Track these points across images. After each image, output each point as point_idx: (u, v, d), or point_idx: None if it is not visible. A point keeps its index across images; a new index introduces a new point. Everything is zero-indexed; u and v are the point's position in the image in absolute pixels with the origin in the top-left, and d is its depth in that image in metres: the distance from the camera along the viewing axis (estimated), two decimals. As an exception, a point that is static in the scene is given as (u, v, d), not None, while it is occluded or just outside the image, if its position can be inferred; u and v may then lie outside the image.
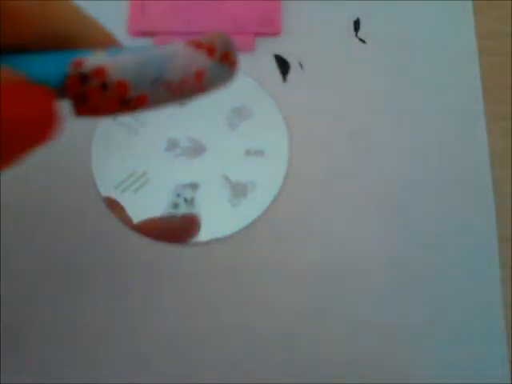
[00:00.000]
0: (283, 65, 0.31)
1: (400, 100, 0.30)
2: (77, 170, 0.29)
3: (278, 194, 0.28)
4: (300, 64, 0.31)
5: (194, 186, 0.29)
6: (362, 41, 0.31)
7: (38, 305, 0.27)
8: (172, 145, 0.29)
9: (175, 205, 0.28)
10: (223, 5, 0.31)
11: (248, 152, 0.29)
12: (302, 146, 0.29)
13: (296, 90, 0.30)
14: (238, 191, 0.29)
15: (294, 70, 0.31)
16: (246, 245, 0.28)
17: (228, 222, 0.28)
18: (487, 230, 0.28)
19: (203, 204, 0.28)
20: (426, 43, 0.31)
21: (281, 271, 0.27)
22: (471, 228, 0.28)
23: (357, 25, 0.31)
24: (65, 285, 0.27)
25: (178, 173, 0.29)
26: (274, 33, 0.31)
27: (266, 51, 0.31)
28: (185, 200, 0.28)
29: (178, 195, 0.29)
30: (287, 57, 0.31)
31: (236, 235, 0.28)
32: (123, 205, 0.28)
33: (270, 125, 0.30)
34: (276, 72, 0.31)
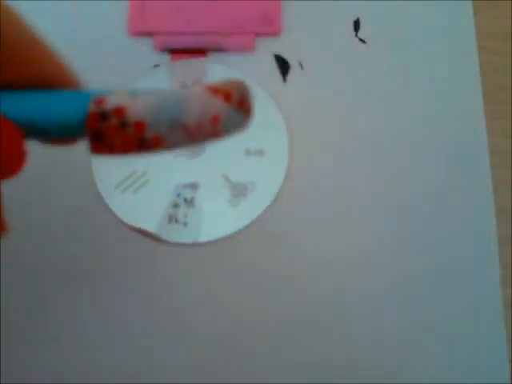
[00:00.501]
0: (283, 65, 0.31)
1: (400, 100, 0.30)
2: (77, 170, 0.29)
3: (278, 194, 0.28)
4: (300, 64, 0.31)
5: (194, 186, 0.29)
6: (362, 41, 0.31)
7: (38, 304, 0.27)
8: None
9: (175, 205, 0.28)
10: (223, 5, 0.31)
11: (248, 152, 0.29)
12: (302, 146, 0.29)
13: (296, 90, 0.30)
14: (238, 191, 0.29)
15: (294, 70, 0.31)
16: (246, 245, 0.28)
17: (228, 222, 0.28)
18: (487, 230, 0.28)
19: (203, 204, 0.28)
20: (426, 43, 0.31)
21: (281, 271, 0.27)
22: (471, 228, 0.28)
23: (357, 25, 0.31)
24: (65, 284, 0.27)
25: (178, 173, 0.29)
26: (274, 33, 0.31)
27: (266, 51, 0.31)
28: (185, 200, 0.28)
29: (178, 195, 0.29)
30: (287, 57, 0.31)
31: (236, 235, 0.28)
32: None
33: (270, 125, 0.30)
34: (276, 72, 0.31)
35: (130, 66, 0.31)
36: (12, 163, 0.15)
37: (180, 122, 0.16)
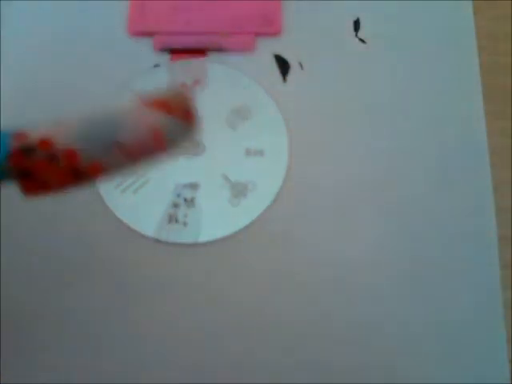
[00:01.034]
0: (283, 65, 0.31)
1: (400, 100, 0.30)
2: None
3: (278, 194, 0.28)
4: (300, 64, 0.31)
5: (194, 186, 0.29)
6: (362, 41, 0.31)
7: (38, 304, 0.27)
8: (172, 145, 0.29)
9: (175, 205, 0.28)
10: (223, 5, 0.31)
11: (248, 152, 0.29)
12: (302, 146, 0.29)
13: (296, 90, 0.30)
14: (238, 191, 0.29)
15: (294, 70, 0.31)
16: (246, 245, 0.28)
17: (228, 222, 0.28)
18: (487, 230, 0.28)
19: (203, 204, 0.28)
20: (426, 43, 0.31)
21: (281, 271, 0.27)
22: (471, 228, 0.28)
23: (357, 25, 0.31)
24: (65, 284, 0.27)
25: (178, 173, 0.29)
26: (274, 33, 0.31)
27: (266, 51, 0.31)
28: (185, 200, 0.28)
29: (178, 195, 0.29)
30: (287, 57, 0.31)
31: (236, 235, 0.28)
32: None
33: (270, 125, 0.30)
34: (276, 72, 0.31)
35: (130, 66, 0.31)
36: None
37: (116, 143, 0.14)
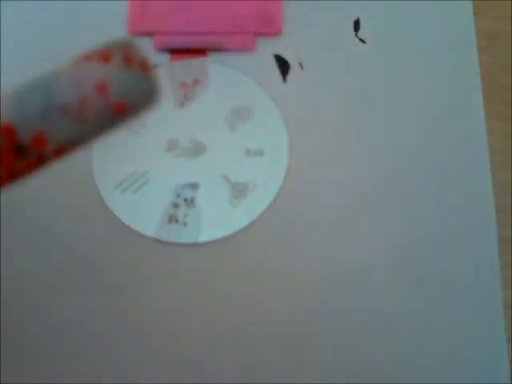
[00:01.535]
0: (283, 65, 0.31)
1: (400, 100, 0.30)
2: (77, 170, 0.29)
3: (278, 194, 0.28)
4: (300, 64, 0.31)
5: (194, 186, 0.29)
6: (362, 41, 0.31)
7: (38, 304, 0.27)
8: (172, 145, 0.29)
9: (175, 205, 0.28)
10: (223, 5, 0.31)
11: (248, 152, 0.29)
12: (302, 146, 0.29)
13: (296, 90, 0.30)
14: (238, 191, 0.29)
15: (294, 70, 0.31)
16: (246, 245, 0.28)
17: (228, 222, 0.28)
18: (487, 230, 0.28)
19: (203, 204, 0.28)
20: (426, 43, 0.31)
21: (281, 271, 0.27)
22: (471, 228, 0.28)
23: (357, 25, 0.31)
24: (65, 284, 0.27)
25: (178, 173, 0.29)
26: (274, 33, 0.31)
27: (266, 51, 0.31)
28: (185, 200, 0.28)
29: (178, 195, 0.29)
30: (287, 57, 0.31)
31: (236, 235, 0.28)
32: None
33: (270, 125, 0.30)
34: (276, 72, 0.31)
35: (130, 66, 0.31)
36: None
37: (55, 106, 0.13)
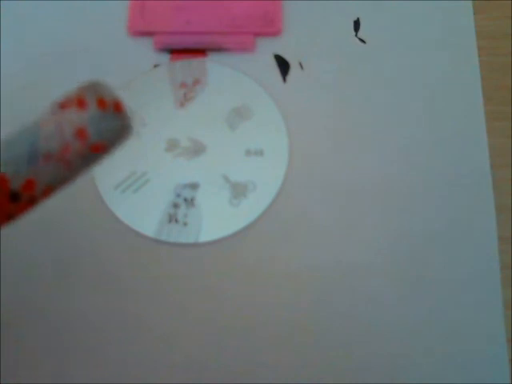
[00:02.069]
0: (283, 65, 0.31)
1: (400, 100, 0.30)
2: (77, 170, 0.29)
3: (278, 194, 0.28)
4: (300, 64, 0.31)
5: (194, 186, 0.29)
6: (362, 41, 0.31)
7: (38, 304, 0.27)
8: (172, 145, 0.29)
9: (175, 205, 0.28)
10: (223, 5, 0.31)
11: (248, 152, 0.29)
12: (302, 146, 0.29)
13: (296, 90, 0.30)
14: (238, 191, 0.29)
15: (294, 70, 0.31)
16: (246, 245, 0.28)
17: (228, 222, 0.28)
18: (487, 230, 0.28)
19: (203, 204, 0.28)
20: (426, 43, 0.31)
21: (281, 271, 0.27)
22: (471, 228, 0.28)
23: (357, 25, 0.31)
24: (64, 285, 0.27)
25: (178, 173, 0.29)
26: (274, 33, 0.31)
27: (266, 51, 0.31)
28: (185, 200, 0.28)
29: (178, 195, 0.29)
30: (287, 57, 0.31)
31: (236, 235, 0.28)
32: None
33: (270, 125, 0.30)
34: (276, 72, 0.31)
35: (130, 66, 0.31)
36: None
37: (41, 153, 0.14)
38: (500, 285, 0.27)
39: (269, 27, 0.31)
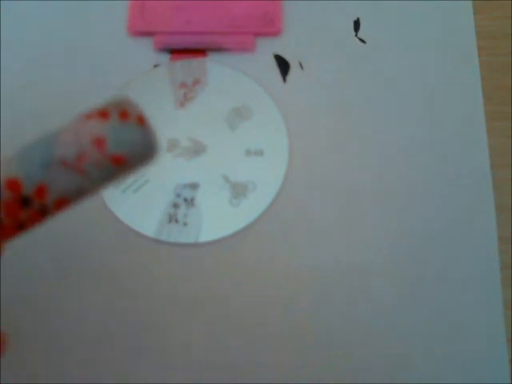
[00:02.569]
0: (283, 65, 0.31)
1: (400, 100, 0.30)
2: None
3: (278, 194, 0.28)
4: (300, 64, 0.31)
5: (194, 186, 0.29)
6: (362, 41, 0.31)
7: (38, 304, 0.27)
8: (172, 145, 0.29)
9: (175, 205, 0.28)
10: (223, 5, 0.31)
11: (248, 152, 0.29)
12: (302, 146, 0.29)
13: (296, 90, 0.30)
14: (238, 191, 0.29)
15: (294, 70, 0.31)
16: (246, 245, 0.28)
17: (228, 222, 0.28)
18: (487, 230, 0.28)
19: (203, 204, 0.28)
20: (426, 43, 0.31)
21: (281, 271, 0.27)
22: (471, 228, 0.28)
23: (357, 25, 0.31)
24: (64, 285, 0.27)
25: (178, 173, 0.29)
26: (274, 33, 0.31)
27: (266, 51, 0.31)
28: (185, 200, 0.28)
29: (178, 195, 0.29)
30: (287, 57, 0.31)
31: (236, 235, 0.28)
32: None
33: (270, 125, 0.30)
34: (276, 72, 0.31)
35: (130, 66, 0.31)
36: None
37: (55, 158, 0.14)
38: (500, 285, 0.27)
39: (269, 27, 0.31)
